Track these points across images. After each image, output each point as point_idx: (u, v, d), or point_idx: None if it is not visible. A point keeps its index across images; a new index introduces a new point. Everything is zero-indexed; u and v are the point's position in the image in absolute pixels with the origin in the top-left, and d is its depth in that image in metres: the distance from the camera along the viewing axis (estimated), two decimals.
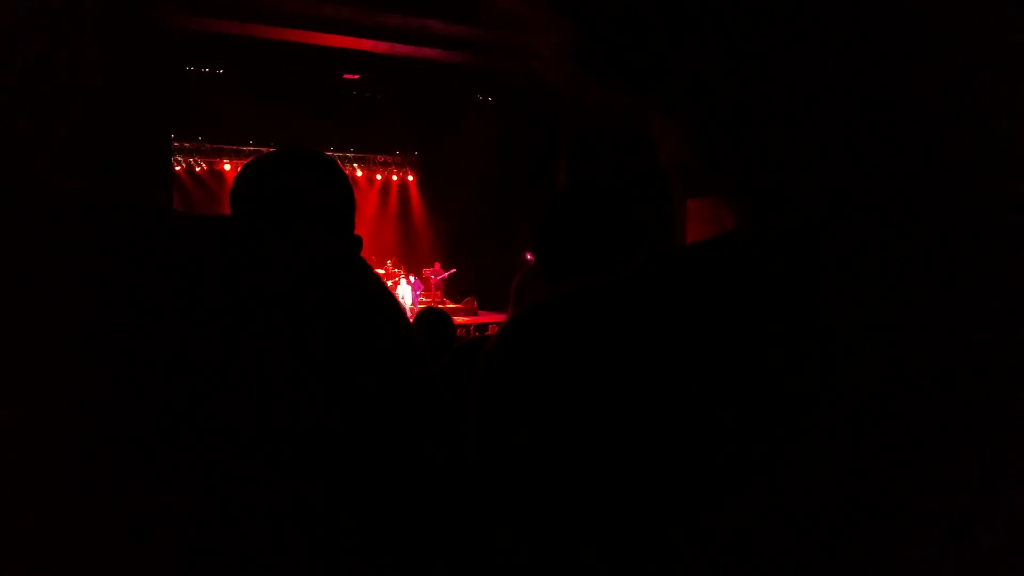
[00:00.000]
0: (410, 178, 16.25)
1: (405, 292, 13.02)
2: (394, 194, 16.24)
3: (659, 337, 0.40)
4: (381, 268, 14.09)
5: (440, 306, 12.78)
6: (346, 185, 1.55)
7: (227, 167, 13.78)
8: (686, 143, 0.48)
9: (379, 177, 15.97)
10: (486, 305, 13.07)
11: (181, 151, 13.69)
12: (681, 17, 0.43)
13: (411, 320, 3.79)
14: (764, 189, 0.46)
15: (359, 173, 15.62)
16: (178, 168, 13.65)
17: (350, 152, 15.35)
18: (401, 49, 10.56)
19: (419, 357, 0.58)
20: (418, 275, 14.28)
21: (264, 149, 11.53)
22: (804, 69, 0.41)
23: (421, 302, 13.25)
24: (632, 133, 0.53)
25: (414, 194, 16.34)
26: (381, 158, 15.83)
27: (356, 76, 13.16)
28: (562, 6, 0.47)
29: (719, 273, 0.42)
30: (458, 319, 11.37)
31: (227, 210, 1.50)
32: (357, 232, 1.73)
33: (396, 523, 0.54)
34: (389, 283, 13.26)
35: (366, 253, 15.50)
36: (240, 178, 1.49)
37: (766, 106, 0.43)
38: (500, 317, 11.06)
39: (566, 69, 0.48)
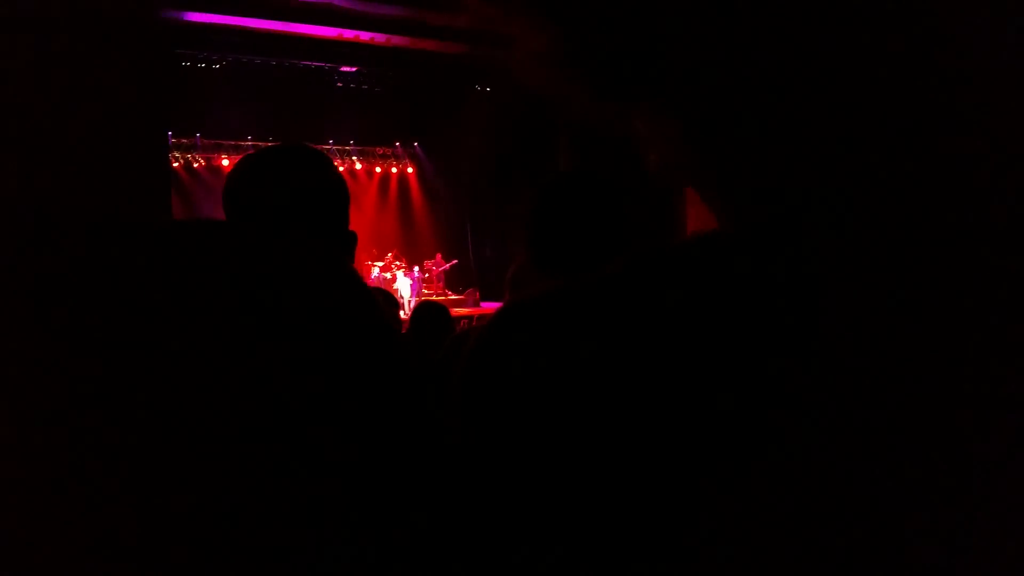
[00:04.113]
0: (409, 170, 16.26)
1: (403, 285, 13.04)
2: (394, 186, 16.24)
3: (630, 338, 0.41)
4: (381, 261, 14.10)
5: (442, 298, 12.80)
6: (338, 181, 1.55)
7: (225, 162, 13.76)
8: (672, 144, 0.49)
9: (379, 169, 15.97)
10: (488, 296, 13.09)
11: (179, 147, 13.67)
12: (665, 22, 0.44)
13: (409, 312, 3.81)
14: (748, 189, 0.47)
15: (358, 166, 15.63)
16: (176, 164, 13.63)
17: (349, 145, 15.35)
18: (399, 41, 10.55)
19: (400, 360, 0.59)
20: (420, 267, 14.31)
21: (262, 144, 11.52)
22: (787, 72, 0.42)
23: (423, 294, 13.27)
24: (618, 134, 0.53)
25: (414, 186, 16.35)
26: (380, 150, 15.83)
27: (354, 68, 13.13)
28: (543, 12, 0.47)
29: (695, 275, 0.43)
30: (460, 310, 11.40)
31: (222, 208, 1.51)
32: (358, 225, 1.73)
33: (381, 516, 0.55)
34: (388, 276, 13.29)
35: (367, 246, 15.49)
36: (232, 176, 1.49)
37: (751, 108, 0.44)
38: None
39: (549, 73, 0.49)
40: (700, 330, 0.40)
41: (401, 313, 10.05)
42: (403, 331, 3.98)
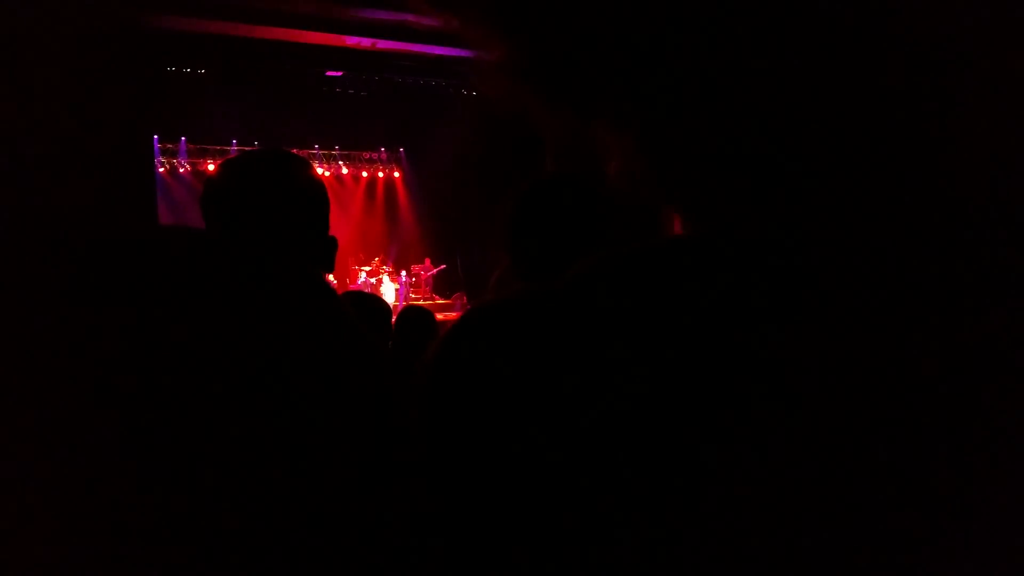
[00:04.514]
0: (396, 174, 16.21)
1: (388, 290, 12.99)
2: (380, 191, 16.19)
3: (585, 342, 0.41)
4: (368, 265, 14.05)
5: (429, 302, 12.76)
6: (317, 185, 1.54)
7: (211, 167, 13.66)
8: (632, 153, 0.49)
9: (365, 174, 15.92)
10: (476, 301, 13.05)
11: (165, 152, 13.59)
12: (619, 36, 0.43)
13: (393, 317, 3.78)
14: (708, 197, 0.46)
15: (345, 171, 15.56)
16: (162, 169, 13.55)
17: (335, 150, 15.28)
18: (384, 45, 10.53)
19: (372, 366, 0.60)
20: (408, 272, 14.26)
21: (248, 149, 11.46)
22: (743, 80, 0.42)
23: (410, 299, 13.22)
24: (578, 144, 0.53)
25: (400, 191, 16.30)
26: (366, 155, 15.78)
27: (339, 73, 13.10)
28: (500, 25, 0.47)
29: (650, 281, 0.43)
30: (448, 315, 11.36)
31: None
32: (344, 230, 1.73)
33: (354, 520, 0.55)
34: (373, 280, 13.22)
35: (354, 251, 15.28)
36: (211, 181, 1.48)
37: (710, 117, 0.43)
38: None
39: (506, 85, 0.49)
40: (654, 333, 0.40)
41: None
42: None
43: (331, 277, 12.99)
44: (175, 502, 0.49)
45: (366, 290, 11.33)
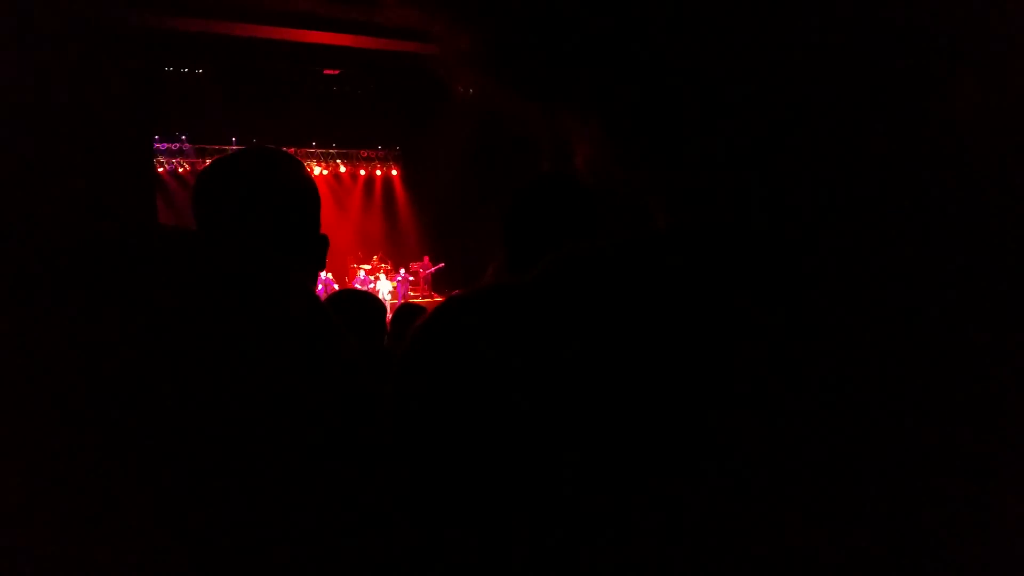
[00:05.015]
0: (394, 172, 16.19)
1: (383, 287, 12.97)
2: (378, 189, 16.18)
3: (551, 335, 0.41)
4: (367, 263, 14.04)
5: (428, 300, 12.75)
6: (308, 184, 1.53)
7: None
8: (599, 144, 0.48)
9: (363, 172, 15.90)
10: None
11: (164, 153, 13.59)
12: (582, 22, 0.43)
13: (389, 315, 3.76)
14: (678, 186, 0.46)
15: (343, 169, 15.55)
16: (161, 170, 13.55)
17: (332, 148, 15.27)
18: (380, 43, 10.51)
19: (348, 363, 0.62)
20: (406, 269, 14.25)
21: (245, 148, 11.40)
22: (711, 67, 0.41)
23: (408, 296, 13.21)
24: (544, 136, 0.53)
25: (398, 188, 16.29)
26: (364, 153, 15.76)
27: (336, 72, 13.08)
28: (463, 15, 0.47)
29: (619, 273, 0.43)
30: None
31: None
32: (342, 228, 1.73)
33: (340, 512, 0.57)
34: (372, 278, 13.20)
35: (352, 249, 15.16)
36: (201, 180, 1.47)
37: (678, 105, 0.43)
38: None
39: (471, 76, 0.48)
40: (626, 328, 0.40)
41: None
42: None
43: (329, 275, 12.97)
44: (159, 496, 0.51)
45: (363, 288, 11.33)
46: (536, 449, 0.40)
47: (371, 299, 3.37)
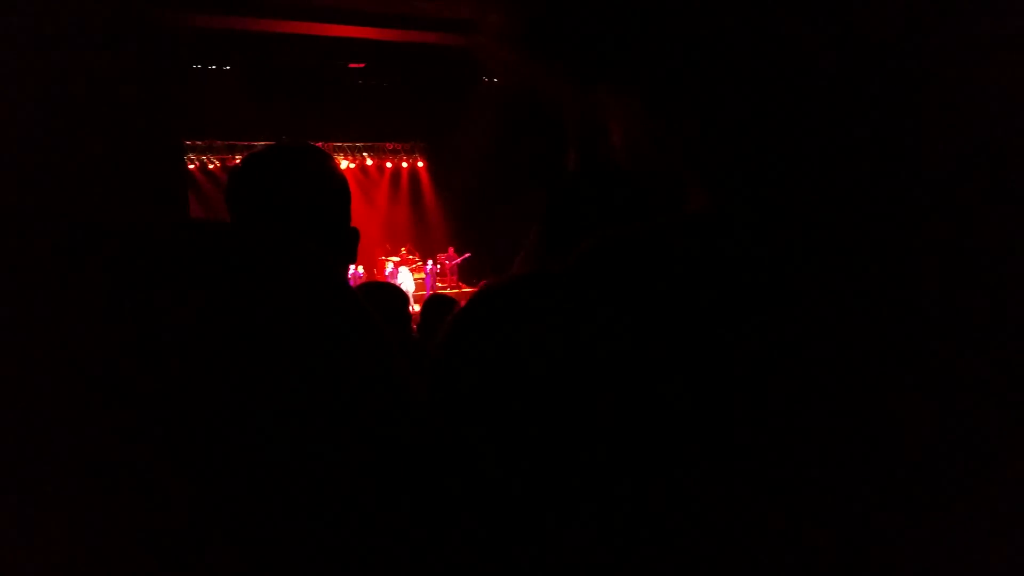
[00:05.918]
0: (420, 164, 16.23)
1: (405, 280, 12.99)
2: (405, 181, 16.23)
3: (596, 320, 0.41)
4: (396, 255, 14.11)
5: (455, 291, 12.80)
6: (339, 178, 1.55)
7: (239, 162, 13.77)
8: (638, 122, 0.47)
9: (389, 165, 15.97)
10: None
11: (194, 149, 13.76)
12: None
13: (416, 307, 3.76)
14: (718, 167, 0.45)
15: (369, 162, 15.62)
16: (192, 166, 13.73)
17: (359, 142, 15.34)
18: (405, 35, 10.52)
19: (383, 355, 0.62)
20: (434, 260, 14.30)
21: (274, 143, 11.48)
22: (758, 46, 0.40)
23: (436, 287, 13.26)
24: (574, 118, 0.51)
25: (424, 180, 16.33)
26: (390, 146, 15.82)
27: (362, 65, 13.13)
28: None
29: (664, 256, 0.42)
30: None
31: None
32: (370, 220, 1.74)
33: (369, 505, 0.57)
34: (401, 270, 13.25)
35: (380, 241, 15.16)
36: (234, 175, 1.50)
37: (722, 83, 0.42)
38: None
39: (507, 53, 0.48)
40: (667, 312, 0.40)
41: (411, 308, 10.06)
42: (413, 325, 4.00)
43: (359, 268, 13.05)
44: (180, 490, 0.52)
45: (392, 280, 11.38)
46: (580, 435, 0.40)
47: (394, 289, 3.40)
